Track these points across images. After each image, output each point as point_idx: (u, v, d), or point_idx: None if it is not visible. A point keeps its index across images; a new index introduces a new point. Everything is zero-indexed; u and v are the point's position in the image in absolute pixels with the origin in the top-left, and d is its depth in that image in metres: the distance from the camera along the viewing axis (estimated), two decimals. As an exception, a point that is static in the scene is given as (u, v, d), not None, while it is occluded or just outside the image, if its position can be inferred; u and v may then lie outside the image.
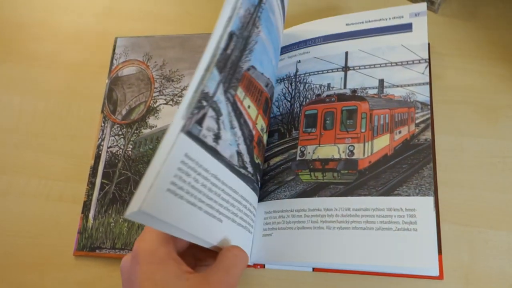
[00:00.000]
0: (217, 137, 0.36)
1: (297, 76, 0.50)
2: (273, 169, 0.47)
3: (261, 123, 0.43)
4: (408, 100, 0.43)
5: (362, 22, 0.49)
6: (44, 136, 0.54)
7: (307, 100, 0.48)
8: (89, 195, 0.50)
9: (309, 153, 0.45)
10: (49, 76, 0.57)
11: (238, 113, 0.39)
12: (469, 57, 0.50)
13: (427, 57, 0.45)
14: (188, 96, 0.32)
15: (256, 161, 0.43)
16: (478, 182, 0.45)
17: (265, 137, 0.45)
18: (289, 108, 0.49)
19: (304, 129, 0.47)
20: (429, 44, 0.48)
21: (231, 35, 0.37)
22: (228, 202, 0.38)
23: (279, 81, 0.51)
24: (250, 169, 0.41)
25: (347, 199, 0.42)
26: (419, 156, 0.41)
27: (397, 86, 0.44)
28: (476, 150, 0.46)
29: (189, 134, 0.32)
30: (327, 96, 0.47)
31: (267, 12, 0.42)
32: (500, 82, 0.48)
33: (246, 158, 0.40)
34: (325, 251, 0.40)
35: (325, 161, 0.44)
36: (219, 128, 0.36)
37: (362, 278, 0.43)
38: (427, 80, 0.44)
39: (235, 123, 0.38)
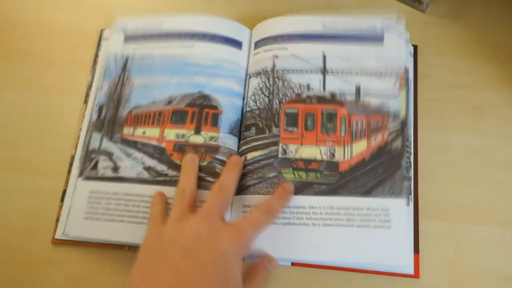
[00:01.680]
0: (115, 168, 0.54)
1: (275, 72, 0.54)
2: (251, 164, 0.52)
3: (174, 132, 0.55)
4: (382, 108, 0.52)
5: (339, 26, 0.56)
6: (34, 132, 0.58)
7: (287, 97, 0.53)
8: (67, 182, 0.55)
9: (291, 152, 0.50)
10: (41, 73, 0.61)
11: (131, 144, 0.55)
12: (456, 56, 0.57)
13: (397, 70, 0.54)
14: (78, 155, 0.55)
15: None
16: (463, 179, 0.52)
17: (198, 137, 0.54)
18: (267, 103, 0.54)
19: (285, 127, 0.52)
20: (416, 46, 0.58)
21: (100, 108, 0.57)
22: None
23: (255, 75, 0.55)
24: (174, 173, 0.53)
25: (330, 198, 0.49)
26: (391, 162, 0.51)
27: (372, 94, 0.51)
28: (462, 148, 0.53)
29: (88, 178, 0.53)
30: (308, 97, 0.52)
31: (138, 65, 0.58)
32: (487, 80, 0.56)
33: (161, 167, 0.53)
34: (310, 246, 0.47)
35: (308, 162, 0.50)
36: (114, 163, 0.54)
37: (341, 274, 0.49)
38: (397, 93, 0.53)
39: (131, 151, 0.55)
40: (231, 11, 0.62)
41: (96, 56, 0.60)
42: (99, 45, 0.61)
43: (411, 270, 0.48)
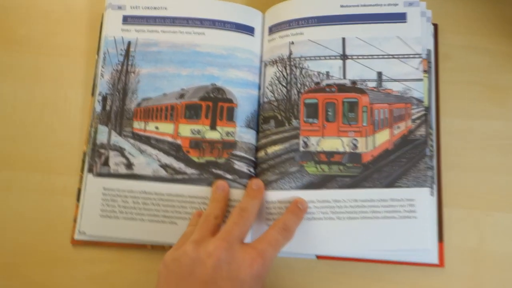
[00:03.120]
0: (129, 165, 0.56)
1: (292, 59, 0.55)
2: (273, 158, 0.55)
3: (189, 128, 0.57)
4: (405, 95, 0.53)
5: (357, 6, 0.58)
6: (42, 127, 0.59)
7: (305, 87, 0.54)
8: (81, 180, 0.57)
9: (312, 144, 0.53)
10: (42, 62, 0.62)
11: (144, 139, 0.58)
12: (477, 35, 0.59)
13: (421, 51, 0.56)
14: (88, 151, 0.56)
15: (201, 161, 0.56)
16: (485, 165, 0.55)
17: (213, 133, 0.57)
18: (285, 94, 0.56)
19: (305, 119, 0.54)
20: (436, 25, 0.59)
21: (104, 98, 0.57)
22: (174, 207, 0.54)
23: (271, 63, 0.57)
24: (192, 170, 0.55)
25: (354, 191, 0.52)
26: (415, 150, 0.54)
27: (395, 80, 0.54)
28: (483, 132, 0.56)
29: (99, 174, 0.55)
30: (327, 85, 0.54)
31: (143, 52, 0.59)
32: (508, 61, 0.58)
33: (178, 165, 0.56)
34: (336, 240, 0.51)
35: (330, 154, 0.53)
36: (127, 159, 0.56)
37: (366, 265, 0.53)
38: (421, 76, 0.56)
39: (144, 147, 0.57)
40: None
41: (99, 43, 0.61)
42: (101, 31, 0.61)
43: (435, 259, 0.52)
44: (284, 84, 0.57)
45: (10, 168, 0.58)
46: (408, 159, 0.52)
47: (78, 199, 0.56)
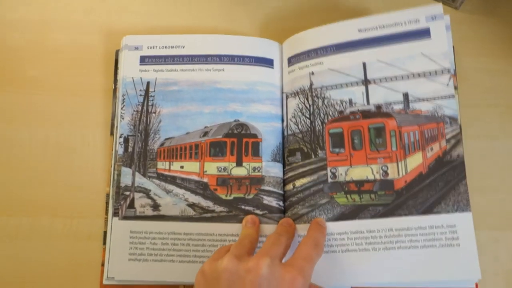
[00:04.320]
0: (155, 206, 0.57)
1: (313, 90, 0.55)
2: (301, 191, 0.55)
3: (215, 165, 0.59)
4: (436, 115, 0.53)
5: (376, 28, 0.58)
6: (61, 171, 0.60)
7: (329, 117, 0.55)
8: (106, 222, 0.58)
9: (341, 174, 0.52)
10: (56, 103, 0.63)
11: (169, 179, 0.60)
12: (493, 56, 0.61)
13: (449, 66, 0.55)
14: (111, 194, 0.57)
15: (229, 198, 0.57)
16: (509, 185, 0.56)
17: (240, 169, 0.58)
18: (309, 125, 0.56)
19: (331, 149, 0.54)
20: (453, 47, 0.58)
21: (125, 139, 0.59)
22: (204, 246, 0.55)
23: (292, 95, 0.56)
24: (220, 208, 0.56)
25: (389, 220, 0.51)
26: (453, 173, 0.52)
27: (423, 100, 0.53)
28: (505, 153, 0.57)
29: (125, 218, 0.56)
30: (351, 113, 0.54)
31: (163, 92, 0.60)
32: None
33: (206, 203, 0.57)
34: (373, 271, 0.50)
35: (360, 183, 0.52)
36: (153, 200, 0.57)
37: None
38: (453, 92, 0.55)
39: (171, 187, 0.58)
40: (254, 26, 0.65)
41: (116, 80, 0.62)
42: (116, 68, 0.62)
43: (472, 284, 0.50)
44: (308, 116, 0.57)
45: (30, 215, 0.58)
46: (446, 183, 0.51)
47: (104, 242, 0.57)
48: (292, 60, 0.60)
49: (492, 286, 0.53)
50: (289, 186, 0.56)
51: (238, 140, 0.58)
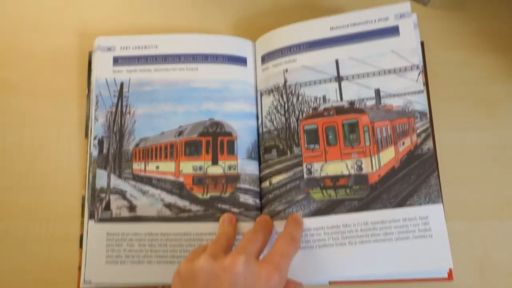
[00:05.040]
0: (131, 207, 0.57)
1: (287, 87, 0.56)
2: (278, 188, 0.56)
3: (191, 165, 0.59)
4: (407, 110, 0.55)
5: (347, 26, 0.60)
6: (36, 174, 0.60)
7: (303, 113, 0.56)
8: (82, 225, 0.58)
9: (316, 170, 0.53)
10: (30, 105, 0.63)
11: (145, 180, 0.60)
12: (462, 50, 0.63)
13: (418, 62, 0.57)
14: (87, 197, 0.58)
15: (205, 197, 0.57)
16: (482, 176, 0.58)
17: (216, 168, 0.58)
18: (284, 122, 0.57)
19: (306, 146, 0.55)
20: (422, 42, 0.61)
21: (100, 141, 0.59)
22: (182, 246, 0.55)
23: (267, 92, 0.57)
24: (197, 207, 0.57)
25: (364, 214, 0.53)
26: (424, 166, 0.54)
27: (394, 95, 0.54)
28: (477, 144, 0.59)
29: (101, 220, 0.56)
30: (325, 109, 0.55)
31: (137, 92, 0.61)
32: (495, 73, 0.62)
33: (183, 203, 0.57)
34: (350, 265, 0.51)
35: (336, 178, 0.53)
36: (129, 201, 0.57)
37: (376, 286, 0.55)
38: (422, 88, 0.56)
39: (146, 188, 0.58)
40: (227, 24, 0.66)
41: (89, 82, 0.62)
42: (90, 69, 0.63)
43: (445, 273, 0.52)
44: (282, 113, 0.58)
45: (5, 219, 0.58)
46: (417, 176, 0.53)
47: (81, 245, 0.57)
48: (265, 58, 0.60)
49: (466, 275, 0.55)
50: (266, 183, 0.56)
51: (213, 138, 0.59)
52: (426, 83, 0.58)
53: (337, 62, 0.58)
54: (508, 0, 0.64)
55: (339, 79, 0.57)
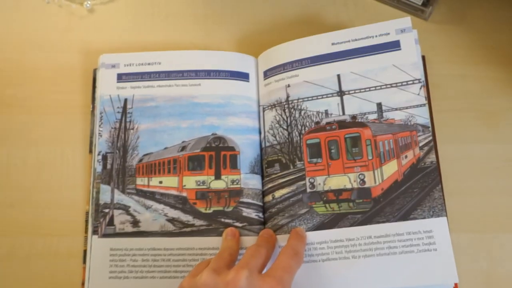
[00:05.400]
0: (135, 222, 0.57)
1: (290, 102, 0.57)
2: (281, 202, 0.56)
3: (194, 179, 0.59)
4: (409, 123, 0.55)
5: (349, 41, 0.60)
6: (40, 190, 0.60)
7: (306, 128, 0.56)
8: (86, 241, 0.58)
9: (319, 184, 0.54)
10: (35, 123, 0.63)
11: (148, 195, 0.60)
12: (463, 63, 0.64)
13: (419, 76, 0.57)
14: (90, 212, 0.58)
15: (208, 211, 0.57)
16: (486, 188, 0.58)
17: (219, 183, 0.59)
18: (287, 136, 0.58)
19: (309, 160, 0.56)
20: (423, 56, 0.61)
21: (104, 156, 0.59)
22: (185, 261, 0.55)
23: (269, 107, 0.58)
24: (200, 222, 0.57)
25: (367, 228, 0.53)
26: (427, 179, 0.54)
27: (396, 109, 0.55)
28: (480, 156, 0.59)
29: (105, 235, 0.56)
30: (327, 123, 0.55)
31: (140, 108, 0.61)
32: (496, 85, 0.62)
33: (186, 217, 0.57)
34: (354, 279, 0.51)
35: (338, 192, 0.54)
36: (133, 216, 0.58)
37: None
38: (424, 101, 0.57)
39: (150, 203, 0.58)
40: (229, 41, 0.67)
41: (94, 99, 0.63)
42: (94, 86, 0.63)
43: (450, 287, 0.51)
44: (285, 127, 0.58)
45: (10, 235, 0.58)
46: (421, 189, 0.53)
47: (84, 261, 0.56)
48: (268, 73, 0.61)
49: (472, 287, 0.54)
50: (269, 198, 0.56)
51: (216, 153, 0.59)
52: (428, 97, 0.59)
53: (338, 76, 0.58)
54: (507, 14, 0.65)
55: (341, 93, 0.58)
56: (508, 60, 0.63)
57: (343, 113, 0.57)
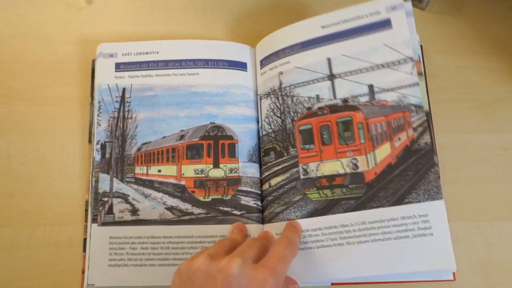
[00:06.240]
0: (134, 211, 0.58)
1: (282, 89, 0.57)
2: (276, 189, 0.57)
3: (192, 168, 0.60)
4: (402, 104, 0.54)
5: (339, 23, 0.59)
6: (41, 180, 0.61)
7: (298, 114, 0.56)
8: (86, 229, 0.59)
9: (312, 170, 0.53)
10: (35, 114, 0.64)
11: (147, 184, 0.61)
12: (460, 54, 0.64)
13: (412, 54, 0.56)
14: (90, 201, 0.58)
15: (207, 200, 0.58)
16: (484, 177, 0.59)
17: (217, 171, 0.59)
18: (280, 124, 0.58)
19: (302, 146, 0.56)
20: (421, 46, 0.60)
21: (103, 145, 0.60)
22: (184, 248, 0.56)
23: (265, 96, 0.59)
24: (199, 210, 0.58)
25: (361, 213, 0.52)
26: (422, 161, 0.53)
27: (388, 90, 0.54)
28: (478, 145, 0.60)
29: (104, 223, 0.57)
30: (319, 108, 0.55)
31: (139, 97, 0.62)
32: (493, 75, 0.63)
33: (185, 205, 0.58)
34: (349, 266, 0.51)
35: (331, 178, 0.53)
36: (132, 205, 0.58)
37: (379, 287, 0.55)
38: (417, 80, 0.55)
39: (149, 191, 0.59)
40: (227, 31, 0.67)
41: (92, 89, 0.63)
42: (93, 76, 0.64)
43: (449, 274, 0.51)
44: (279, 115, 0.58)
45: (10, 225, 0.59)
46: (415, 171, 0.52)
47: (84, 249, 0.57)
48: (263, 62, 0.61)
49: (470, 277, 0.54)
50: (266, 186, 0.57)
51: (215, 142, 0.60)
52: (425, 83, 0.57)
53: (329, 60, 0.57)
54: (505, 4, 0.65)
55: (331, 77, 0.57)
56: (505, 50, 0.63)
57: (334, 97, 0.56)
